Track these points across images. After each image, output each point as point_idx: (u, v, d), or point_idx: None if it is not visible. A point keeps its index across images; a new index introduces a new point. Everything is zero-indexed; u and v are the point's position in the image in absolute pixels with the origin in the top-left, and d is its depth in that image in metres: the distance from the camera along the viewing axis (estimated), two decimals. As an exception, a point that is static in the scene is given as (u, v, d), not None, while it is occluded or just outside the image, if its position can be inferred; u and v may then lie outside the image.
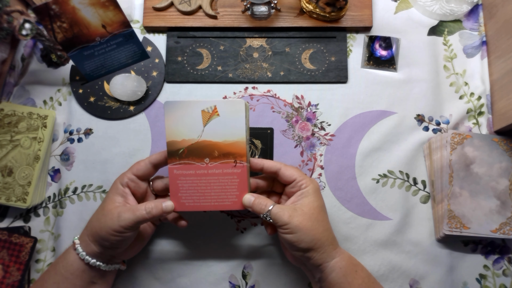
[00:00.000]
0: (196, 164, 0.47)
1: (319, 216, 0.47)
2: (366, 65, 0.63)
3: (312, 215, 0.46)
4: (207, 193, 0.48)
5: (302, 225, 0.44)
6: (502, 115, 0.57)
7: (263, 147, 0.60)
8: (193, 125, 0.47)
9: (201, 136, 0.47)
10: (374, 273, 0.56)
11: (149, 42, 0.64)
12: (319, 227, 0.46)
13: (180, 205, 0.48)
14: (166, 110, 0.47)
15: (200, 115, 0.47)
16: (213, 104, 0.47)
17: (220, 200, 0.48)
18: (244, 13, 0.63)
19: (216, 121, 0.47)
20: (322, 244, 0.45)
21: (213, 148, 0.47)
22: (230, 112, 0.47)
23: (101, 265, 0.48)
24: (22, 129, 0.59)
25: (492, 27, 0.61)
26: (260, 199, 0.47)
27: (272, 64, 0.63)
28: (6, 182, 0.57)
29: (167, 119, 0.47)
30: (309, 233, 0.45)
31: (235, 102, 0.47)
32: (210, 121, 0.47)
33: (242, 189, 0.48)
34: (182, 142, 0.47)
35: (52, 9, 0.53)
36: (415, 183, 0.59)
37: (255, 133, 0.61)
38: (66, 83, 0.64)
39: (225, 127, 0.47)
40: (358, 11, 0.63)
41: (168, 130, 0.47)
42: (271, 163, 0.49)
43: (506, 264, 0.56)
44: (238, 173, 0.48)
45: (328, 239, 0.46)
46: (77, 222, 0.59)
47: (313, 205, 0.47)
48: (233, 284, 0.57)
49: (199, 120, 0.47)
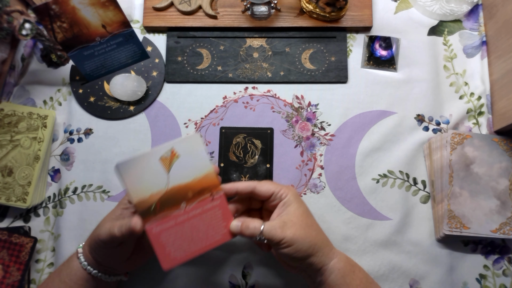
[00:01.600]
0: (173, 213, 0.44)
1: (308, 221, 0.46)
2: (366, 65, 0.63)
3: (302, 222, 0.45)
4: (195, 236, 0.45)
5: (296, 235, 0.44)
6: (502, 115, 0.57)
7: (263, 147, 0.60)
8: (156, 176, 0.43)
9: (169, 183, 0.44)
10: (374, 273, 0.56)
11: (149, 42, 0.64)
12: (312, 232, 0.45)
13: (172, 261, 0.44)
14: (122, 172, 0.41)
15: (159, 163, 0.43)
16: (169, 148, 0.43)
17: (211, 237, 0.46)
18: (244, 13, 0.63)
19: (179, 163, 0.44)
20: (319, 247, 0.45)
21: (186, 190, 0.44)
22: (189, 149, 0.44)
23: (102, 276, 0.47)
24: (22, 129, 0.59)
25: (492, 27, 0.61)
26: (248, 222, 0.45)
27: (272, 64, 0.63)
28: (6, 182, 0.57)
29: (127, 181, 0.42)
30: (305, 240, 0.44)
31: (190, 138, 0.44)
32: (172, 166, 0.44)
33: (228, 218, 0.46)
34: (151, 197, 0.43)
35: (52, 9, 0.53)
36: (415, 183, 0.59)
37: (255, 133, 0.61)
38: (66, 83, 0.64)
39: (190, 165, 0.44)
40: (358, 11, 0.63)
41: (132, 191, 0.42)
42: (244, 184, 0.47)
43: (506, 264, 0.56)
44: (219, 204, 0.46)
45: (323, 241, 0.46)
46: (77, 222, 0.59)
47: (299, 212, 0.46)
48: (233, 284, 0.57)
49: (160, 169, 0.43)
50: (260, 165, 0.60)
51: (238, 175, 0.60)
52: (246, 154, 0.60)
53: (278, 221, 0.45)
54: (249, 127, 0.61)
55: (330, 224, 0.58)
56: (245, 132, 0.61)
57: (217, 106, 0.62)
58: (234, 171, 0.60)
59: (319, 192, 0.59)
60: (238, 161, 0.60)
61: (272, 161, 0.60)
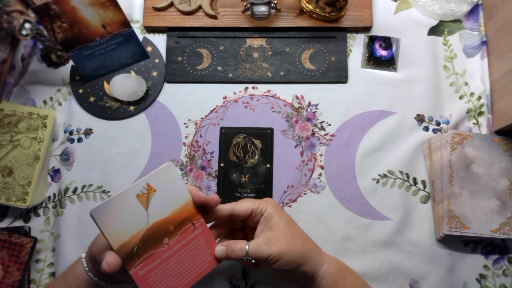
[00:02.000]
0: (157, 251, 0.42)
1: (292, 231, 0.46)
2: (366, 65, 0.63)
3: (287, 234, 0.45)
4: (183, 270, 0.44)
5: (283, 249, 0.43)
6: (502, 115, 0.57)
7: (263, 147, 0.60)
8: (135, 216, 0.40)
9: (149, 221, 0.41)
10: (374, 273, 0.56)
11: (149, 42, 0.64)
12: (298, 242, 0.45)
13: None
14: (97, 218, 0.38)
15: (136, 201, 0.40)
16: (144, 183, 0.41)
17: (198, 267, 0.45)
18: (244, 13, 0.63)
19: (156, 197, 0.41)
20: (308, 255, 0.45)
21: (167, 224, 0.42)
22: (165, 181, 0.42)
23: (104, 284, 0.46)
24: (22, 129, 0.59)
25: (492, 27, 0.61)
26: (232, 245, 0.45)
27: (272, 64, 0.63)
28: (6, 182, 0.57)
29: (103, 227, 0.38)
30: (292, 252, 0.44)
31: (163, 169, 0.41)
32: (150, 201, 0.41)
33: (212, 244, 0.46)
34: (132, 239, 0.40)
35: (52, 9, 0.53)
36: (415, 183, 0.59)
37: (255, 133, 0.61)
38: (66, 83, 0.64)
39: (168, 198, 0.42)
40: (358, 11, 0.63)
41: (110, 237, 0.39)
42: (222, 208, 0.46)
43: (506, 264, 0.56)
44: (201, 233, 0.45)
45: (311, 248, 0.46)
46: (77, 222, 0.59)
47: (282, 224, 0.46)
48: (233, 284, 0.57)
49: (138, 207, 0.40)
50: (260, 165, 0.60)
51: (238, 175, 0.60)
52: (246, 154, 0.60)
53: (262, 238, 0.45)
54: (249, 127, 0.61)
55: (330, 224, 0.58)
56: (245, 132, 0.61)
57: (217, 106, 0.62)
58: (234, 171, 0.60)
59: (319, 192, 0.59)
60: (238, 161, 0.60)
61: (272, 161, 0.60)
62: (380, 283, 0.56)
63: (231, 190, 0.59)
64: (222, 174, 0.60)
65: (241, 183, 0.60)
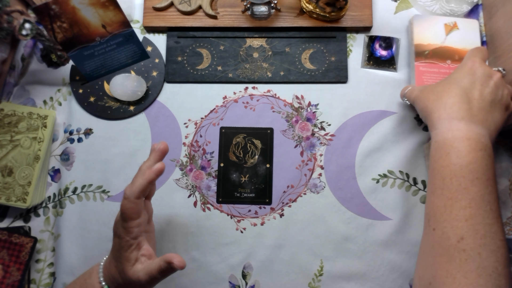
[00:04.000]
0: (439, 64, 0.57)
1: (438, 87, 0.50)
2: (366, 65, 0.63)
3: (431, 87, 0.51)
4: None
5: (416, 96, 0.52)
6: (502, 115, 0.57)
7: (263, 147, 0.60)
8: (437, 33, 0.59)
9: (444, 42, 0.59)
10: (374, 273, 0.56)
11: (149, 42, 0.64)
12: (430, 96, 0.50)
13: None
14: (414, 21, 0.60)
15: (443, 27, 0.60)
16: (453, 20, 0.60)
17: None
18: (244, 13, 0.63)
19: (456, 33, 0.59)
20: (430, 111, 0.48)
21: (454, 53, 0.59)
22: (466, 27, 0.60)
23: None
24: (22, 129, 0.59)
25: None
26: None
27: (272, 64, 0.63)
28: (6, 182, 0.57)
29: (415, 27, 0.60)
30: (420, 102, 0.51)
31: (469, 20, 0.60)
32: (451, 32, 0.59)
33: None
34: (428, 45, 0.59)
35: (52, 9, 0.53)
36: (415, 183, 0.59)
37: (255, 133, 0.61)
38: (66, 83, 0.64)
39: (463, 38, 0.59)
40: (358, 11, 0.63)
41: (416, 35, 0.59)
42: None
43: (506, 264, 0.56)
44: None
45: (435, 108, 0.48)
46: (77, 222, 0.59)
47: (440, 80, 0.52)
48: (233, 284, 0.57)
49: (442, 30, 0.59)
50: (260, 165, 0.60)
51: (238, 175, 0.60)
52: (246, 154, 0.60)
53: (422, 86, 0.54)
54: (249, 127, 0.61)
55: (330, 224, 0.58)
56: (245, 132, 0.61)
57: (217, 106, 0.62)
58: (234, 171, 0.60)
59: (319, 192, 0.59)
60: (238, 161, 0.60)
61: (272, 161, 0.60)
62: (380, 283, 0.56)
63: (231, 190, 0.59)
64: (222, 174, 0.60)
65: (241, 183, 0.60)
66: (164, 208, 0.59)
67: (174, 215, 0.59)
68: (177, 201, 0.59)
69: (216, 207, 0.59)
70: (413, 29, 0.59)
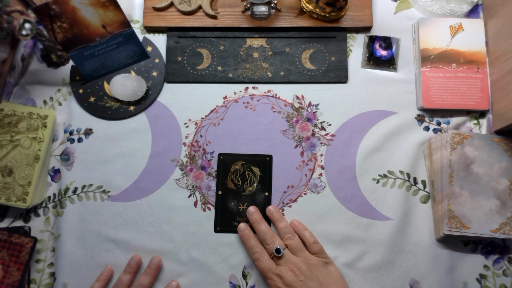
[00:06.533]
0: (444, 68, 0.58)
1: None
2: (366, 65, 0.63)
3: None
4: (454, 93, 0.58)
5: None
6: (502, 115, 0.57)
7: (261, 174, 0.60)
8: (442, 36, 0.59)
9: (449, 45, 0.59)
10: (374, 273, 0.56)
11: (149, 42, 0.64)
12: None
13: (431, 103, 0.58)
14: (420, 24, 0.60)
15: (448, 29, 0.59)
16: (458, 22, 0.60)
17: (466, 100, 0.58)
18: (244, 13, 0.63)
19: (461, 35, 0.59)
20: None
21: (459, 56, 0.59)
22: (471, 28, 0.59)
23: None
24: (22, 129, 0.59)
25: (492, 27, 0.61)
26: None
27: (272, 64, 0.63)
28: (6, 182, 0.57)
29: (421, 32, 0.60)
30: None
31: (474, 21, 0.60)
32: (456, 34, 0.59)
33: (484, 91, 0.58)
34: (433, 49, 0.59)
35: (52, 9, 0.53)
36: (415, 183, 0.59)
37: (253, 160, 0.60)
38: (66, 83, 0.64)
39: (468, 40, 0.59)
40: (358, 11, 0.63)
41: (422, 40, 0.59)
42: None
43: (506, 264, 0.56)
44: (481, 78, 0.58)
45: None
46: (77, 222, 0.59)
47: None
48: (233, 284, 0.57)
49: (447, 32, 0.59)
50: (258, 193, 0.59)
51: (236, 203, 0.59)
52: (244, 181, 0.60)
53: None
54: (248, 153, 0.60)
55: (330, 224, 0.58)
56: (243, 159, 0.60)
57: (217, 106, 0.62)
58: (232, 199, 0.59)
59: (319, 192, 0.59)
60: (236, 189, 0.59)
61: (271, 189, 0.59)
62: (380, 283, 0.56)
63: (229, 218, 0.58)
64: (220, 202, 0.59)
65: (239, 212, 0.59)
66: (164, 208, 0.59)
67: (174, 215, 0.59)
68: (177, 201, 0.59)
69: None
70: (419, 33, 0.60)
